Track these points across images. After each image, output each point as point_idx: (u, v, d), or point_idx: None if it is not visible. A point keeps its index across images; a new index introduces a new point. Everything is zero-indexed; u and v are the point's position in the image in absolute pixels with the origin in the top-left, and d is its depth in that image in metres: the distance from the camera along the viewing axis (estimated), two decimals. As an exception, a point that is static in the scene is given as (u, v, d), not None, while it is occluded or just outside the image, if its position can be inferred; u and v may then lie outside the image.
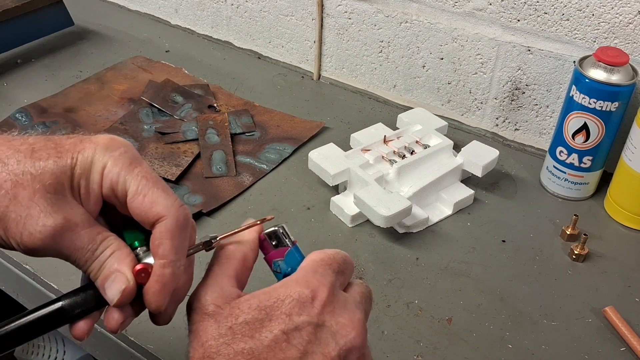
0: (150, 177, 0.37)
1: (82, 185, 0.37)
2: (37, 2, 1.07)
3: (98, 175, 0.37)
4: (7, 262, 0.71)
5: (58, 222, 0.35)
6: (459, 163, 0.79)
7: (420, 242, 0.74)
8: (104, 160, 0.37)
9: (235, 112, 0.95)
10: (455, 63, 0.90)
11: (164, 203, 0.37)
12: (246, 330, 0.35)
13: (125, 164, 0.37)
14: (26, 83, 1.02)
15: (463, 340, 0.62)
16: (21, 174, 0.35)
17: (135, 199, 0.37)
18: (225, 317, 0.36)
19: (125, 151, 0.37)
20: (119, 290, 0.37)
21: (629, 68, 0.73)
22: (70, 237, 0.36)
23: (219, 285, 0.38)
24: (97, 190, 0.37)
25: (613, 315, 0.63)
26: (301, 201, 0.79)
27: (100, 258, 0.37)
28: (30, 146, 0.36)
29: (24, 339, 0.38)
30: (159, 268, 0.37)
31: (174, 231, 0.37)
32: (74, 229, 0.36)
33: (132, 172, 0.37)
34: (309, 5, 1.00)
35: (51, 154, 0.36)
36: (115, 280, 0.37)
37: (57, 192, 0.36)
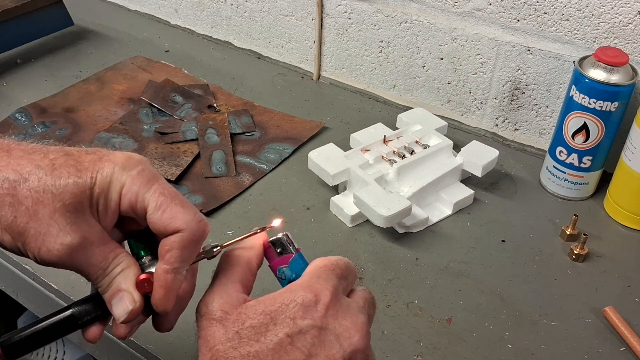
0: (168, 193, 0.38)
1: (100, 203, 0.38)
2: (37, 2, 1.07)
3: (116, 194, 0.38)
4: (7, 262, 0.71)
5: (75, 241, 0.37)
6: (459, 163, 0.79)
7: (420, 242, 0.74)
8: (122, 179, 0.38)
9: (235, 112, 0.95)
10: (455, 63, 0.90)
11: (183, 218, 0.38)
12: (252, 334, 0.36)
13: (143, 182, 0.38)
14: (26, 83, 1.02)
15: (463, 340, 0.62)
16: (42, 192, 0.36)
17: (155, 215, 0.38)
18: (232, 322, 0.37)
19: (142, 169, 0.38)
20: (126, 311, 0.38)
21: (628, 68, 0.73)
22: (85, 255, 0.38)
23: (225, 292, 0.39)
24: (114, 207, 0.38)
25: (613, 315, 0.63)
26: (301, 201, 0.79)
27: (110, 275, 0.39)
28: (51, 162, 0.37)
29: (37, 345, 0.39)
30: (162, 273, 0.39)
31: (187, 243, 0.38)
32: (89, 247, 0.38)
33: (150, 190, 0.38)
34: (309, 5, 1.00)
35: (71, 172, 0.37)
36: (122, 299, 0.39)
37: (76, 211, 0.37)
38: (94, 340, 0.40)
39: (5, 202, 0.36)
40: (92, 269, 0.38)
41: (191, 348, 0.60)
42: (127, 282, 0.39)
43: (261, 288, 0.43)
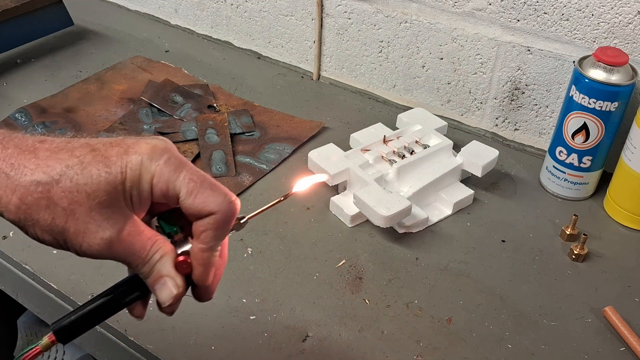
0: (197, 177, 0.39)
1: (133, 195, 0.39)
2: (37, 2, 1.07)
3: (147, 184, 0.39)
4: (7, 262, 0.71)
5: (114, 234, 0.38)
6: (459, 163, 0.79)
7: (420, 242, 0.74)
8: (151, 170, 0.39)
9: (234, 112, 0.95)
10: (455, 63, 0.90)
11: (215, 201, 0.40)
12: None
13: (171, 170, 0.39)
14: (26, 83, 1.02)
15: (463, 340, 0.62)
16: (76, 192, 0.37)
17: (187, 200, 0.39)
18: None
19: (169, 158, 0.39)
20: (170, 296, 0.41)
21: (628, 68, 0.73)
22: (124, 245, 0.39)
23: None
24: (147, 197, 0.39)
25: (613, 315, 0.63)
26: (301, 201, 0.79)
27: (150, 262, 0.40)
28: (79, 161, 0.38)
29: (87, 327, 0.42)
30: (200, 252, 0.41)
31: (220, 224, 0.40)
32: (128, 237, 0.39)
33: (179, 177, 0.39)
34: (309, 5, 1.00)
35: (101, 169, 0.38)
36: (165, 285, 0.41)
37: (111, 205, 0.38)
38: (140, 317, 0.43)
39: (41, 206, 0.37)
40: (132, 257, 0.40)
41: (191, 348, 0.60)
42: (167, 268, 0.40)
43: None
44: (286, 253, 0.72)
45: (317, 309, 0.65)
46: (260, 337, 0.62)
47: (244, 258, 0.71)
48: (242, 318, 0.63)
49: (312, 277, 0.68)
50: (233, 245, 0.72)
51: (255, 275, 0.69)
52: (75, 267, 0.69)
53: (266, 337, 0.62)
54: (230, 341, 0.61)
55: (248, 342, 0.61)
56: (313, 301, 0.66)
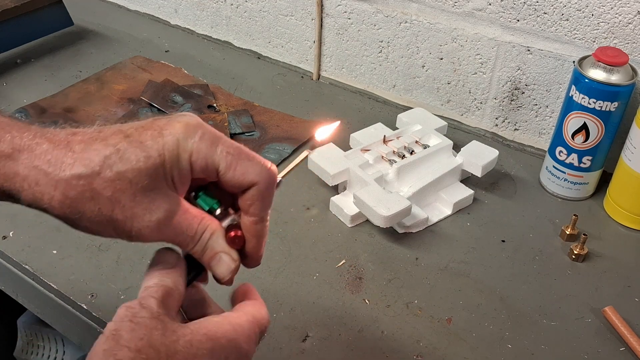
0: (234, 150, 0.40)
1: (174, 176, 0.39)
2: (37, 2, 1.07)
3: (187, 163, 0.39)
4: (7, 262, 0.71)
5: (161, 216, 0.39)
6: (459, 163, 0.79)
7: (420, 242, 0.74)
8: (188, 149, 0.39)
9: (234, 112, 0.95)
10: (454, 63, 0.90)
11: (254, 171, 0.40)
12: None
13: (207, 146, 0.39)
14: (26, 83, 1.02)
15: (463, 340, 0.62)
16: (118, 180, 0.37)
17: (227, 174, 0.40)
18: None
19: (203, 133, 0.39)
20: (229, 270, 0.41)
21: (628, 68, 0.73)
22: (173, 226, 0.39)
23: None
24: (187, 175, 0.40)
25: (612, 315, 0.63)
26: (301, 201, 0.79)
27: (201, 241, 0.41)
28: (116, 150, 0.38)
29: None
30: (252, 225, 0.42)
31: (265, 193, 0.41)
32: (175, 218, 0.39)
33: (216, 152, 0.39)
34: (309, 5, 1.00)
35: (139, 155, 0.38)
36: (221, 260, 0.41)
37: (155, 188, 0.38)
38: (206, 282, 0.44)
39: (86, 198, 0.37)
40: (181, 237, 0.40)
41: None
42: (220, 244, 0.41)
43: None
44: (286, 253, 0.72)
45: (317, 309, 0.65)
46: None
47: (244, 258, 0.71)
48: (242, 318, 0.63)
49: (312, 277, 0.68)
50: (233, 245, 0.72)
51: (255, 275, 0.69)
52: (75, 267, 0.69)
53: (266, 337, 0.62)
54: (230, 341, 0.61)
55: (248, 342, 0.61)
56: (313, 301, 0.66)
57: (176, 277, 0.40)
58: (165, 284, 0.39)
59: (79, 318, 0.66)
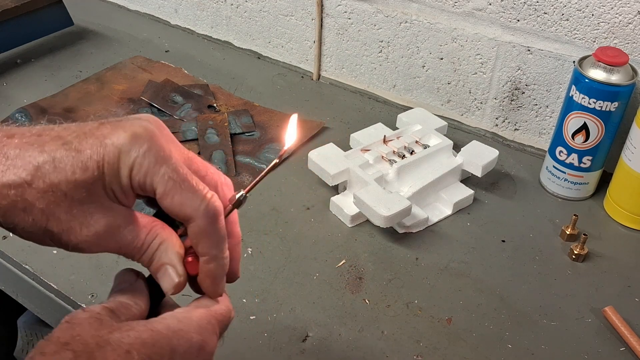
0: (177, 176, 0.36)
1: (115, 190, 0.36)
2: (37, 2, 1.07)
3: (127, 179, 0.36)
4: (7, 262, 0.71)
5: (100, 230, 0.36)
6: (459, 163, 0.79)
7: (420, 242, 0.74)
8: (129, 163, 0.35)
9: (234, 112, 0.95)
10: (455, 63, 0.90)
11: (192, 205, 0.36)
12: None
13: (150, 165, 0.36)
14: (26, 83, 1.02)
15: (463, 340, 0.62)
16: (51, 192, 0.34)
17: (164, 201, 0.36)
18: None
19: (149, 148, 0.35)
20: (172, 285, 0.38)
21: (628, 68, 0.73)
22: (115, 238, 0.37)
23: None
24: (129, 190, 0.37)
25: (613, 315, 0.63)
26: (301, 201, 0.79)
27: (148, 252, 0.38)
28: (50, 157, 0.35)
29: None
30: (205, 265, 0.38)
31: (206, 229, 0.37)
32: (117, 230, 0.37)
33: (158, 173, 0.36)
34: (309, 5, 1.00)
35: (75, 167, 0.35)
36: (166, 274, 0.38)
37: (93, 201, 0.36)
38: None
39: (18, 208, 0.34)
40: (126, 249, 0.37)
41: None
42: (168, 255, 0.38)
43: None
44: (286, 253, 0.72)
45: (317, 309, 0.65)
46: (260, 337, 0.62)
47: (244, 258, 0.71)
48: (242, 318, 0.63)
49: (312, 277, 0.68)
50: (233, 245, 0.72)
51: (255, 275, 0.69)
52: (75, 267, 0.69)
53: (266, 337, 0.62)
54: (230, 341, 0.61)
55: (248, 342, 0.61)
56: (313, 301, 0.66)
57: (133, 294, 0.38)
58: (119, 300, 0.37)
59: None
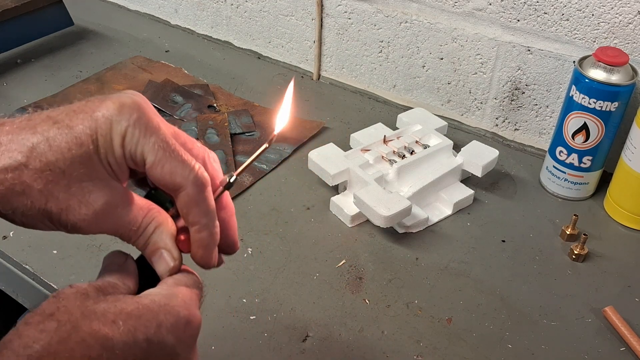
0: (167, 146, 0.36)
1: (111, 163, 0.36)
2: (37, 2, 1.07)
3: (120, 148, 0.36)
4: (7, 262, 0.71)
5: (98, 208, 0.36)
6: (459, 163, 0.79)
7: (420, 242, 0.74)
8: (120, 131, 0.35)
9: (235, 112, 0.95)
10: (455, 63, 0.90)
11: (182, 173, 0.36)
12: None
13: (141, 134, 0.35)
14: (26, 83, 1.02)
15: (463, 340, 0.62)
16: (49, 171, 0.34)
17: (154, 171, 0.36)
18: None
19: (139, 117, 0.35)
20: (167, 269, 0.38)
21: (628, 68, 0.73)
22: (113, 218, 0.36)
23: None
24: (123, 162, 0.36)
25: (613, 315, 0.63)
26: (301, 201, 0.79)
27: (144, 235, 0.38)
28: (45, 138, 0.35)
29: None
30: (196, 234, 0.38)
31: (196, 198, 0.37)
32: (115, 210, 0.36)
33: (148, 143, 0.36)
34: (309, 5, 1.00)
35: (70, 143, 0.34)
36: (161, 258, 0.38)
37: (92, 178, 0.35)
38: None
39: (16, 192, 0.34)
40: (123, 230, 0.37)
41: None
42: (163, 239, 0.38)
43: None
44: (286, 253, 0.72)
45: (317, 309, 0.65)
46: (260, 337, 0.62)
47: (244, 258, 0.71)
48: (242, 318, 0.63)
49: (312, 277, 0.68)
50: (233, 245, 0.72)
51: (255, 275, 0.69)
52: (75, 267, 0.69)
53: (266, 337, 0.62)
54: (230, 341, 0.61)
55: (248, 342, 0.61)
56: (313, 301, 0.66)
57: (122, 275, 0.38)
58: (107, 279, 0.37)
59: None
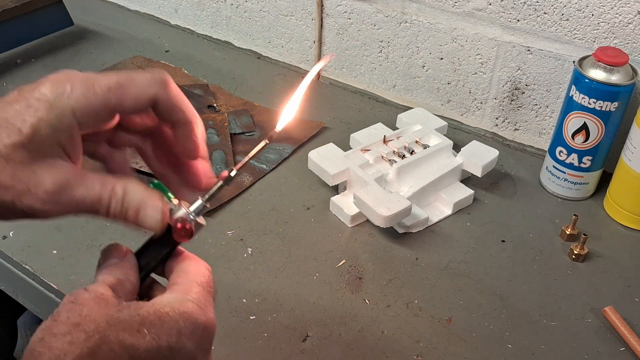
0: (114, 82, 0.37)
1: (62, 141, 0.36)
2: (37, 2, 1.07)
3: (71, 121, 0.36)
4: (7, 262, 0.71)
5: (49, 187, 0.35)
6: (459, 163, 0.79)
7: (420, 242, 0.74)
8: (67, 106, 0.36)
9: (234, 112, 0.95)
10: (455, 63, 0.90)
11: (148, 83, 0.38)
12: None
13: (85, 94, 0.36)
14: (26, 83, 1.02)
15: (463, 340, 0.62)
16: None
17: (124, 105, 0.37)
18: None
19: (72, 84, 0.37)
20: (159, 221, 0.38)
21: (628, 68, 0.73)
22: (67, 195, 0.36)
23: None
24: (77, 135, 0.36)
25: (612, 315, 0.63)
26: (301, 201, 0.79)
27: (116, 202, 0.37)
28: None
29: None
30: (192, 129, 0.41)
31: (173, 94, 0.40)
32: (67, 186, 0.36)
33: (97, 94, 0.36)
34: (309, 5, 1.00)
35: (9, 131, 0.34)
36: (147, 215, 0.38)
37: (35, 160, 0.35)
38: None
39: None
40: (84, 205, 0.36)
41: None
42: (137, 197, 0.37)
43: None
44: (286, 253, 0.72)
45: (317, 309, 0.65)
46: (260, 337, 0.62)
47: (244, 258, 0.71)
48: (242, 318, 0.63)
49: (312, 277, 0.68)
50: (233, 245, 0.72)
51: (255, 275, 0.69)
52: (75, 267, 0.69)
53: (266, 337, 0.62)
54: (230, 341, 0.61)
55: (248, 342, 0.61)
56: (313, 301, 0.66)
57: (126, 270, 0.38)
58: (114, 275, 0.37)
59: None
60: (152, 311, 0.35)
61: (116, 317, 0.33)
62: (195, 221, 0.41)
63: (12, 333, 1.13)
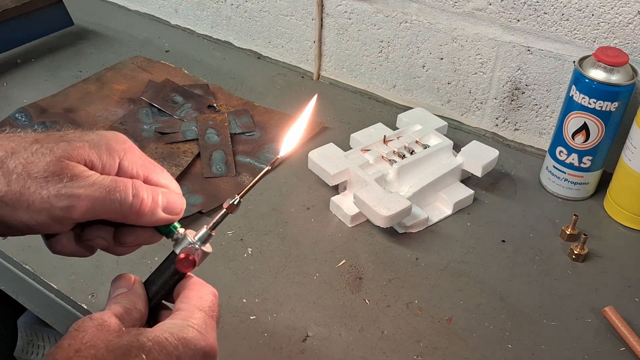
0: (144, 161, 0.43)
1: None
2: (37, 2, 1.07)
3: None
4: (7, 262, 0.71)
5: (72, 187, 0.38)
6: (459, 163, 0.79)
7: (420, 242, 0.74)
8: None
9: (234, 112, 0.95)
10: (455, 63, 0.90)
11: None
12: None
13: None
14: (26, 83, 1.02)
15: (463, 340, 0.62)
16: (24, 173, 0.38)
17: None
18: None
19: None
20: (181, 204, 0.43)
21: (628, 68, 0.73)
22: (103, 190, 0.39)
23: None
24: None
25: (612, 315, 0.63)
26: (301, 201, 0.79)
27: (144, 195, 0.41)
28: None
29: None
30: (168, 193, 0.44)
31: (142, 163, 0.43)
32: (104, 181, 0.39)
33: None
34: (309, 5, 1.00)
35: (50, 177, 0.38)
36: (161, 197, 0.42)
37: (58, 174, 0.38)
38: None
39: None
40: (126, 197, 0.40)
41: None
42: (145, 190, 0.41)
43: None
44: (286, 253, 0.72)
45: (317, 309, 0.65)
46: (260, 337, 0.62)
47: (244, 258, 0.71)
48: (242, 318, 0.63)
49: (312, 277, 0.68)
50: (233, 245, 0.72)
51: (255, 275, 0.69)
52: (75, 267, 0.69)
53: (266, 337, 0.62)
54: (230, 341, 0.61)
55: (248, 342, 0.61)
56: (313, 301, 0.66)
57: (133, 298, 0.40)
58: (121, 304, 0.39)
59: (79, 318, 0.66)
60: (151, 337, 0.36)
61: (115, 343, 0.34)
62: (201, 249, 0.42)
63: (12, 333, 1.13)
